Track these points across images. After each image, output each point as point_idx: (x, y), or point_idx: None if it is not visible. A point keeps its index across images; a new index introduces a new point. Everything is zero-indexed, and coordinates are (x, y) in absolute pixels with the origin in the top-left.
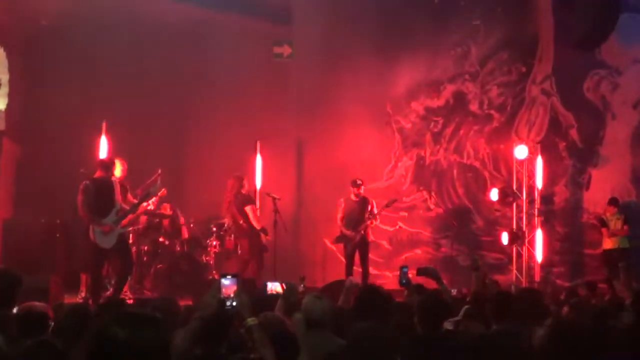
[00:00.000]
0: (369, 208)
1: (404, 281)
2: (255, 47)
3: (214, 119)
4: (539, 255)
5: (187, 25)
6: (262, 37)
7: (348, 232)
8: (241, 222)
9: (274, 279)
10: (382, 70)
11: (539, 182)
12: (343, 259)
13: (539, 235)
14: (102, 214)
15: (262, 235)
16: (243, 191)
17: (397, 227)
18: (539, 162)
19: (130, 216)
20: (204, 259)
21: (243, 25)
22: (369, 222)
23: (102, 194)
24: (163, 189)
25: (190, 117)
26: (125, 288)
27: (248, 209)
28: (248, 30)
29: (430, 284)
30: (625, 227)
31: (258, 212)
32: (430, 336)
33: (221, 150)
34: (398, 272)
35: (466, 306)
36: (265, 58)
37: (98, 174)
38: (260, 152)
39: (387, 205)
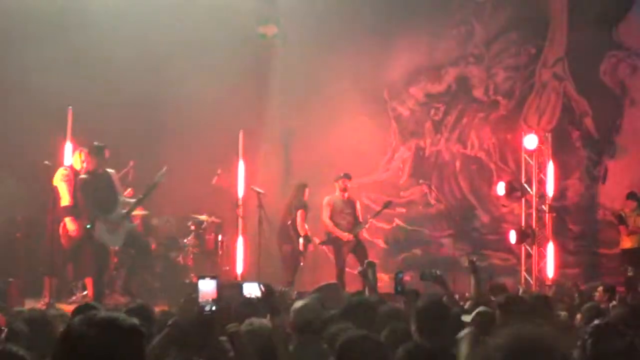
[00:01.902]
0: (357, 212)
1: (399, 288)
2: (238, 26)
3: (193, 106)
4: (551, 255)
5: (162, 4)
6: (245, 15)
7: (342, 234)
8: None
9: (256, 281)
10: (378, 53)
11: (550, 175)
12: (333, 261)
13: (550, 233)
14: (106, 210)
15: (303, 242)
16: (304, 198)
17: (394, 224)
18: (550, 153)
19: None
20: (181, 259)
21: (224, 2)
22: (359, 230)
23: (102, 189)
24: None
25: (166, 103)
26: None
27: (298, 213)
28: (229, 7)
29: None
30: None
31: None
32: (430, 346)
33: (200, 140)
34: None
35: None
36: (248, 38)
37: (91, 165)
38: (244, 143)
39: (379, 212)
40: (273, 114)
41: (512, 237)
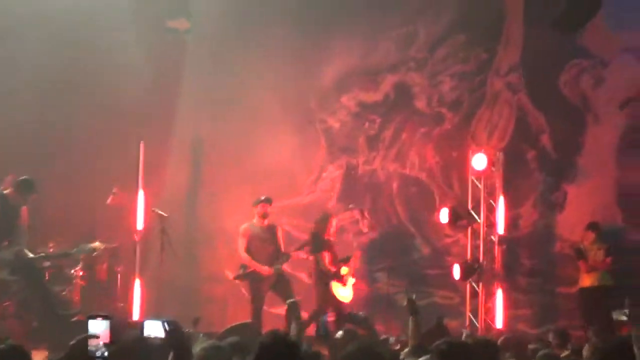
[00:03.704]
0: (278, 241)
1: (322, 331)
2: (144, 19)
3: (88, 112)
4: (500, 294)
5: None
6: (154, 7)
7: (262, 268)
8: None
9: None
10: (306, 55)
11: (501, 202)
12: (249, 297)
13: (499, 269)
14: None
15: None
16: (326, 236)
17: None
18: (502, 175)
19: None
20: (67, 293)
21: None
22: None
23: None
24: None
25: (55, 108)
26: None
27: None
28: None
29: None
30: (608, 260)
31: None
32: None
33: (95, 153)
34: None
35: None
36: (156, 34)
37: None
38: (145, 156)
39: (306, 244)
40: (181, 123)
41: (457, 272)
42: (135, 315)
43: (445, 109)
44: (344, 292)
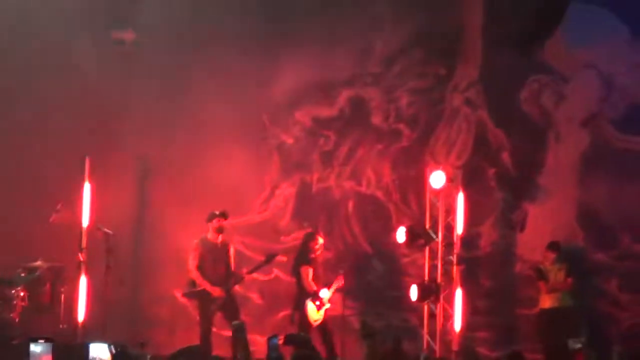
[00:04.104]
0: (230, 260)
1: (273, 355)
2: (88, 29)
3: (31, 126)
4: (458, 315)
5: None
6: (97, 16)
7: (213, 288)
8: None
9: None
10: (258, 68)
11: (460, 220)
12: (198, 318)
13: (458, 289)
14: None
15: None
16: (311, 254)
17: (273, 275)
18: (461, 194)
19: None
20: (7, 315)
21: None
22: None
23: None
24: None
25: None
26: None
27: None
28: (78, 6)
29: None
30: (569, 280)
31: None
32: None
33: (39, 169)
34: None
35: None
36: (101, 45)
37: None
38: (90, 173)
39: (259, 266)
40: (128, 138)
41: (414, 293)
42: (80, 338)
43: (403, 125)
44: (315, 315)
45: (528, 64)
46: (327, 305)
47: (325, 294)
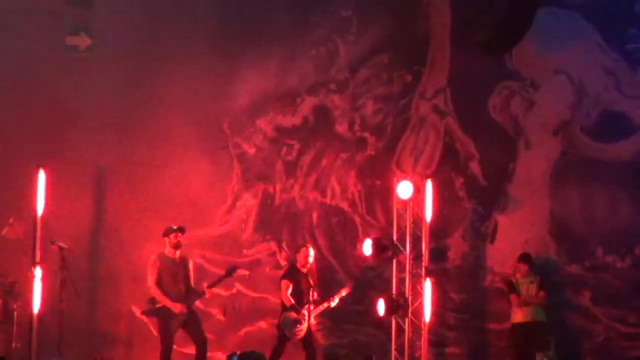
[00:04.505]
0: (190, 275)
1: None
2: (41, 35)
3: None
4: (427, 330)
5: None
6: (51, 21)
7: (173, 304)
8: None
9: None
10: (218, 75)
11: (428, 232)
12: (157, 335)
13: (426, 303)
14: None
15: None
16: (299, 266)
17: (234, 290)
18: (429, 204)
19: None
20: None
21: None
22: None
23: None
24: None
25: None
26: None
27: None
28: (31, 11)
29: None
30: (542, 294)
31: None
32: None
33: None
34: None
35: None
36: (55, 51)
37: None
38: (44, 184)
39: (220, 280)
40: (83, 148)
41: (381, 307)
42: (34, 356)
43: (368, 133)
44: (295, 331)
45: (497, 70)
46: (311, 322)
47: (309, 310)
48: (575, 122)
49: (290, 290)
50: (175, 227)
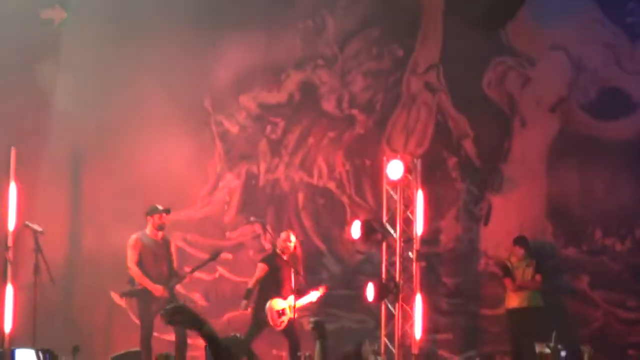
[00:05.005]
0: (172, 258)
1: None
2: (15, 7)
3: None
4: (418, 316)
5: None
6: None
7: (154, 287)
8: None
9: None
10: (199, 49)
11: (420, 214)
12: (137, 322)
13: (418, 288)
14: None
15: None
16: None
17: (217, 274)
18: (420, 185)
19: None
20: None
21: None
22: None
23: None
24: None
25: None
26: None
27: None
28: None
29: None
30: (538, 278)
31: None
32: None
33: None
34: None
35: None
36: (29, 24)
37: None
38: (17, 164)
39: (204, 264)
40: (58, 127)
41: (370, 292)
42: (6, 344)
43: (357, 110)
44: (276, 319)
45: (492, 45)
46: (292, 314)
47: (292, 301)
48: (573, 99)
49: (262, 275)
50: (161, 208)
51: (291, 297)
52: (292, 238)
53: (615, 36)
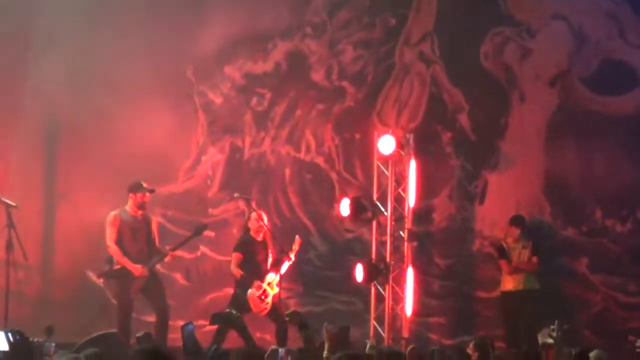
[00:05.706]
0: (153, 236)
1: (188, 344)
2: None
3: None
4: (410, 298)
5: None
6: None
7: (134, 267)
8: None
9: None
10: (181, 17)
11: (412, 191)
12: (115, 302)
13: (409, 269)
14: None
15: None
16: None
17: (199, 253)
18: (412, 161)
19: None
20: None
21: None
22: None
23: None
24: None
25: None
26: None
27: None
28: None
29: None
30: (534, 260)
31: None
32: None
33: None
34: None
35: None
36: None
37: None
38: None
39: (186, 241)
40: (32, 98)
41: (359, 273)
42: None
43: (347, 82)
44: (260, 305)
45: (489, 15)
46: (274, 291)
47: (271, 278)
48: (574, 72)
49: (238, 263)
50: (145, 186)
51: (269, 275)
52: (264, 216)
53: (619, 6)
